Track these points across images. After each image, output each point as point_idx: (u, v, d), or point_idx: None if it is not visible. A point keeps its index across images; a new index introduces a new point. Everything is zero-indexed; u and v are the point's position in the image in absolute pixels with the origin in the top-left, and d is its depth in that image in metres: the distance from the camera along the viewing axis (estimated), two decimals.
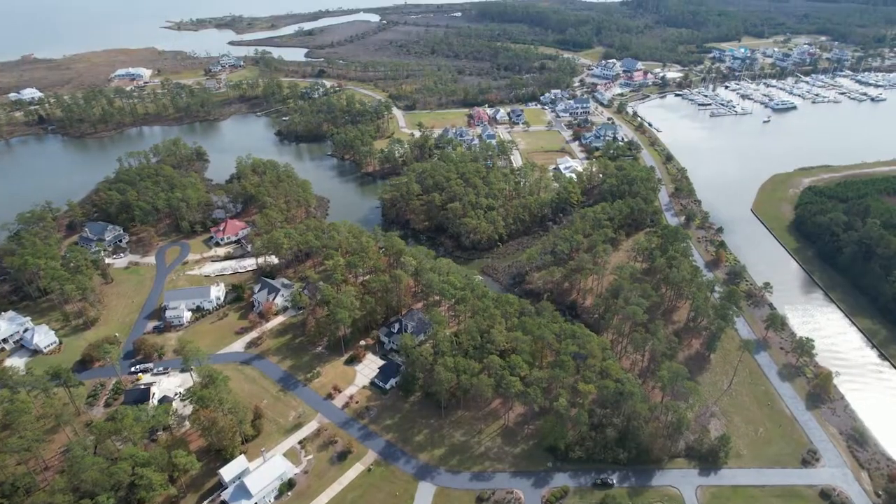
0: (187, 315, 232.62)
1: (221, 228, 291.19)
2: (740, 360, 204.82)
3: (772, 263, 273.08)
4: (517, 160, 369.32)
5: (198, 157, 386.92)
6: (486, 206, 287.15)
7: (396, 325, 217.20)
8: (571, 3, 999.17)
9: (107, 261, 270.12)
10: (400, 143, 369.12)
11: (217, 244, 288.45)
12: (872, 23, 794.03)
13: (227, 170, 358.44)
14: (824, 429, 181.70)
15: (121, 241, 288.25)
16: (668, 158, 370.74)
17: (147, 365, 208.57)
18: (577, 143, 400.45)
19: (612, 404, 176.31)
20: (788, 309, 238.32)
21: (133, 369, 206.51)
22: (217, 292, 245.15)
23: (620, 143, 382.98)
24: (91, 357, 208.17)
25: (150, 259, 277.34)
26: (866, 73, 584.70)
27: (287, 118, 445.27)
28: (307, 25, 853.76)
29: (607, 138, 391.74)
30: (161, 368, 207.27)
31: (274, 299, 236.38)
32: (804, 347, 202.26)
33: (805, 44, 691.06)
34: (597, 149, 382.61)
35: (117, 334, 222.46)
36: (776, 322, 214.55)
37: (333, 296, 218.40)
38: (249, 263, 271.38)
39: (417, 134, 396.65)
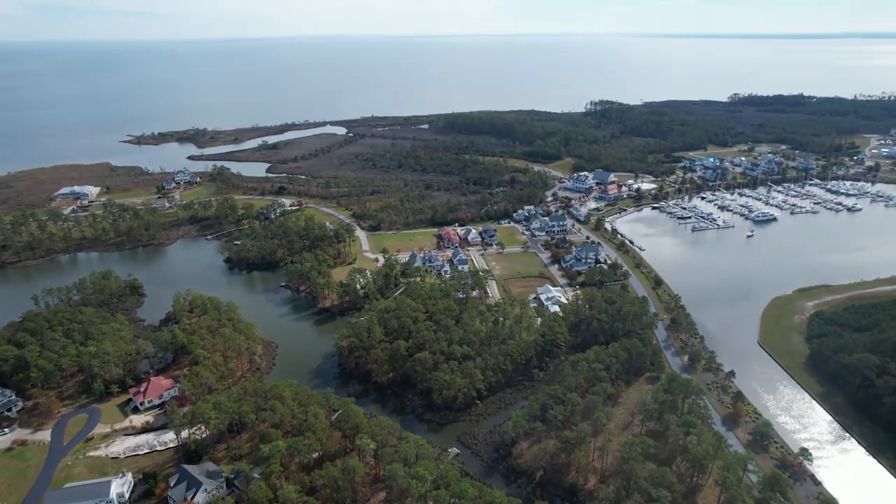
0: None
1: (142, 390, 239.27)
2: None
3: (797, 414, 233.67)
4: (493, 290, 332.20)
5: (132, 291, 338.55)
6: (460, 354, 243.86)
7: None
8: (536, 115, 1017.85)
9: None
10: (362, 273, 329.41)
11: (136, 409, 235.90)
12: (825, 132, 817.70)
13: (165, 306, 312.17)
14: None
15: (10, 409, 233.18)
16: (658, 283, 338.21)
17: None
18: (556, 266, 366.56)
19: None
20: (829, 478, 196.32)
21: None
22: (120, 486, 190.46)
23: (605, 267, 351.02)
24: None
25: (45, 434, 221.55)
26: (835, 182, 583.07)
27: (238, 242, 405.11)
28: (272, 139, 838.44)
29: (589, 261, 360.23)
30: None
31: (193, 497, 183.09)
32: None
33: (769, 153, 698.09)
34: (579, 273, 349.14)
35: None
36: None
37: (268, 497, 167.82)
38: (171, 438, 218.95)
39: (382, 260, 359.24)
